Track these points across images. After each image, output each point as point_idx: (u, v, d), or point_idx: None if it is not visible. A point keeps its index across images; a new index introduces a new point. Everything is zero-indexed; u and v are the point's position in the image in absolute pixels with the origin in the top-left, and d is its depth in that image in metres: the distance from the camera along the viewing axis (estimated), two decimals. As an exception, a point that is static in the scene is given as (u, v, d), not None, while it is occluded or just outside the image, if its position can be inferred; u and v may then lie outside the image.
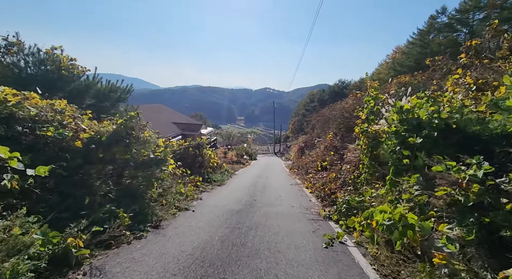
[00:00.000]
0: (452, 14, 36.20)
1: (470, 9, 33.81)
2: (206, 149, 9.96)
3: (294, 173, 13.88)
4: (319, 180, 8.10)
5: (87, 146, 4.16)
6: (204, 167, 9.51)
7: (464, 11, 34.71)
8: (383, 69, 47.08)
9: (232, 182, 9.67)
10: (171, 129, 24.64)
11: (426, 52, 36.86)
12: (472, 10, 33.63)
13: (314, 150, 12.70)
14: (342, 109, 11.47)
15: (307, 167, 11.33)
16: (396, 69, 38.27)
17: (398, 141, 4.37)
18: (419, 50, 38.51)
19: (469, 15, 34.61)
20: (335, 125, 10.68)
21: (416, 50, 38.80)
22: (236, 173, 13.23)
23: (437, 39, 35.93)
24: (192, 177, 7.83)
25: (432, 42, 36.50)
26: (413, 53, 39.18)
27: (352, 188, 5.70)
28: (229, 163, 17.90)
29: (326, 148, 9.68)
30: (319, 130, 14.58)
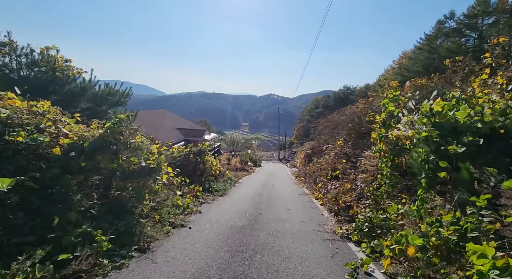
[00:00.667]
0: (460, 19, 35.63)
1: (479, 14, 33.22)
2: (208, 155, 9.37)
3: (301, 181, 13.16)
4: (330, 190, 7.40)
5: (68, 154, 3.59)
6: (206, 175, 8.90)
7: (473, 16, 34.13)
8: (390, 75, 46.49)
9: (235, 192, 9.01)
10: (174, 134, 24.24)
11: (434, 58, 36.28)
12: (481, 15, 33.02)
13: (322, 157, 12.00)
14: (353, 114, 10.81)
15: (316, 175, 10.62)
16: (403, 74, 37.62)
17: (430, 148, 3.70)
18: (426, 56, 37.95)
19: (478, 20, 34.01)
20: (345, 130, 10.01)
21: (424, 56, 38.25)
22: (240, 181, 12.57)
23: (445, 44, 35.34)
24: (192, 186, 7.22)
25: (440, 47, 35.91)
26: (420, 58, 38.60)
27: (372, 201, 5.00)
28: (232, 170, 17.26)
29: (336, 155, 8.99)
30: (327, 136, 13.90)
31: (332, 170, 8.70)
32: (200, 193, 7.12)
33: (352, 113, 10.91)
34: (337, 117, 11.89)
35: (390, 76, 46.17)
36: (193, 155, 8.93)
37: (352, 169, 7.45)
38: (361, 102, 11.17)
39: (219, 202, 7.05)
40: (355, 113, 10.62)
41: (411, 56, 43.05)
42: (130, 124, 4.30)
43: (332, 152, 9.72)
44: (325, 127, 14.63)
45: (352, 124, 9.90)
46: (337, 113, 12.37)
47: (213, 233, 4.23)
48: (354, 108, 11.15)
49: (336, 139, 10.87)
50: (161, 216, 4.47)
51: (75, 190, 3.52)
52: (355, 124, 9.84)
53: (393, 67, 51.74)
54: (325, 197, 7.51)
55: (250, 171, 18.73)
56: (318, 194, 8.06)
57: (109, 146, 3.79)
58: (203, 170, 9.08)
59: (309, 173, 12.35)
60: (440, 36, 38.36)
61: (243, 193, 8.68)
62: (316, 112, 64.74)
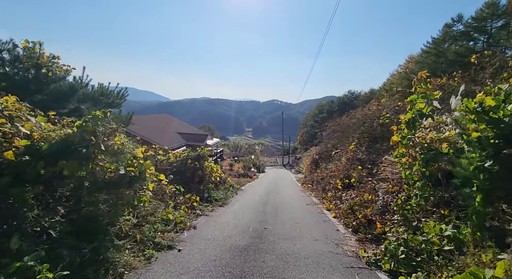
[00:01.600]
0: (469, 22, 34.91)
1: (488, 16, 32.44)
2: (207, 161, 8.58)
3: (308, 188, 12.27)
4: (344, 201, 6.53)
5: (23, 158, 2.84)
6: (205, 183, 8.09)
7: (481, 19, 33.36)
8: (396, 79, 45.73)
9: (237, 201, 8.17)
10: (176, 139, 23.59)
11: (441, 61, 35.46)
12: (490, 17, 32.25)
13: (331, 162, 11.14)
14: (365, 116, 9.99)
15: (325, 182, 9.75)
16: (409, 78, 36.72)
17: (486, 153, 2.87)
18: (433, 59, 37.22)
19: (487, 23, 33.24)
20: (357, 134, 9.17)
21: (431, 59, 37.52)
22: (242, 189, 11.73)
23: (453, 48, 34.60)
24: (188, 196, 6.41)
25: (448, 51, 35.18)
26: (427, 62, 37.85)
27: (400, 217, 4.14)
28: (235, 176, 16.43)
29: (349, 161, 8.14)
30: (336, 140, 13.05)
31: (345, 178, 7.84)
32: (197, 204, 6.30)
33: (364, 115, 10.09)
34: (347, 120, 11.08)
35: (397, 80, 45.43)
36: (191, 161, 8.15)
37: (368, 176, 6.59)
38: (374, 104, 10.36)
39: (219, 214, 6.21)
40: (367, 116, 9.80)
41: (418, 60, 42.37)
42: (109, 123, 3.55)
43: (343, 157, 8.86)
44: (333, 131, 13.79)
45: (365, 127, 9.06)
46: (346, 116, 11.55)
47: (207, 258, 3.41)
48: (366, 110, 10.34)
49: (347, 144, 10.03)
50: (144, 234, 3.65)
51: (30, 204, 2.76)
52: (367, 127, 9.01)
53: (399, 72, 51.00)
54: (337, 208, 6.64)
55: (254, 178, 17.88)
56: (330, 205, 7.19)
57: (78, 149, 3.04)
58: (202, 177, 8.28)
59: (317, 180, 11.47)
60: (447, 40, 37.66)
61: (246, 203, 7.83)
62: (320, 117, 63.91)
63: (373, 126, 9.04)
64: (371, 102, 10.65)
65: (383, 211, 4.69)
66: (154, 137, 20.69)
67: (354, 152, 8.13)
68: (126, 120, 9.76)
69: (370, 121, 9.01)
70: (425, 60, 38.21)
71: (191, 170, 8.07)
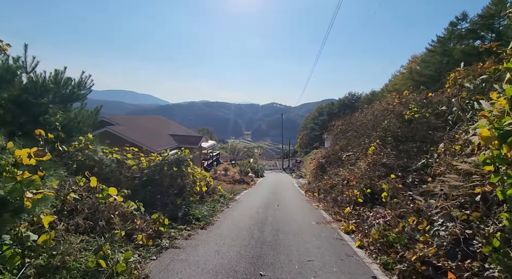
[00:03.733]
0: (475, 20, 33.58)
1: (496, 14, 31.05)
2: (190, 167, 6.75)
3: (314, 198, 10.45)
4: (371, 222, 4.71)
5: None
6: (185, 195, 6.26)
7: (488, 17, 31.98)
8: (399, 80, 44.43)
9: (226, 219, 6.30)
10: (167, 141, 21.74)
11: (447, 60, 33.99)
12: (497, 15, 30.88)
13: (342, 168, 9.33)
14: (384, 111, 8.21)
15: (336, 192, 7.92)
16: (414, 79, 35.46)
17: None
18: (439, 59, 35.88)
19: (494, 21, 31.89)
20: (377, 133, 7.38)
21: (436, 59, 36.20)
22: (236, 198, 9.89)
23: (459, 47, 33.24)
24: (155, 215, 4.55)
25: (453, 49, 33.83)
26: (433, 62, 36.52)
27: (499, 266, 2.33)
28: (229, 182, 14.59)
29: (369, 167, 6.34)
30: (345, 141, 11.27)
31: (365, 187, 6.02)
32: (165, 228, 4.45)
33: (382, 110, 8.31)
34: (361, 117, 9.29)
35: (400, 81, 44.15)
36: (168, 166, 6.32)
37: (404, 188, 4.77)
38: (394, 97, 8.59)
39: (195, 243, 4.35)
40: (388, 110, 8.02)
41: (423, 59, 41.13)
42: None
43: (361, 162, 7.03)
44: (341, 131, 12.01)
45: (386, 125, 7.27)
46: (360, 113, 9.76)
47: None
48: (384, 104, 8.56)
49: (362, 145, 8.23)
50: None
51: None
52: (391, 124, 7.22)
53: (402, 72, 49.76)
54: (361, 231, 4.82)
55: (251, 184, 16.03)
56: (348, 225, 5.36)
57: None
58: (183, 186, 6.45)
59: (325, 188, 9.65)
60: (453, 39, 36.35)
61: (237, 222, 5.97)
62: (320, 120, 62.41)
63: (396, 123, 7.26)
64: (390, 94, 8.86)
65: (452, 253, 2.86)
66: (142, 139, 18.82)
67: (377, 155, 6.32)
68: (92, 116, 7.97)
69: (395, 117, 7.23)
70: (430, 59, 36.95)
71: (167, 179, 6.24)
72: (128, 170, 6.32)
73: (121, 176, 5.99)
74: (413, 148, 6.31)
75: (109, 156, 6.20)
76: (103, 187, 3.79)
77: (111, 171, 5.90)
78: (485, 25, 33.05)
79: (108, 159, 5.87)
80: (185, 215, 5.52)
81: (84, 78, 7.57)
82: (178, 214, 5.34)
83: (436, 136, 6.16)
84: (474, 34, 33.89)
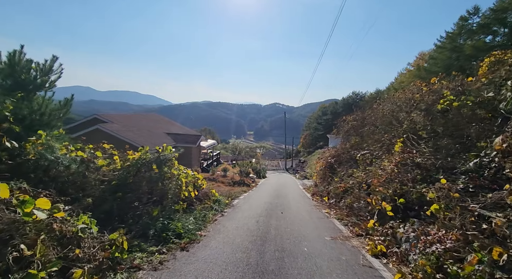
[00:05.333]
0: (487, 15, 32.03)
1: (509, 7, 29.47)
2: (174, 168, 5.48)
3: (322, 203, 9.17)
4: (410, 244, 3.42)
5: None
6: (166, 203, 5.00)
7: (502, 10, 30.38)
8: (406, 78, 42.98)
9: (217, 234, 5.01)
10: (163, 140, 20.56)
11: (457, 57, 32.45)
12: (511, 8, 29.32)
13: (357, 169, 8.02)
14: (409, 101, 6.89)
15: (352, 199, 6.61)
16: (422, 76, 33.97)
17: None
18: (448, 55, 34.38)
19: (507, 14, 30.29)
20: (403, 127, 6.05)
21: (445, 55, 34.71)
22: (233, 204, 8.61)
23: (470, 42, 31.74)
24: (114, 235, 3.29)
25: (464, 45, 32.33)
26: (442, 58, 35.03)
27: None
28: (228, 184, 13.31)
29: (398, 168, 5.03)
30: (357, 138, 9.95)
31: (393, 194, 4.72)
32: (124, 255, 3.18)
33: (406, 100, 6.98)
34: (379, 109, 7.96)
35: (407, 79, 42.69)
36: (146, 168, 5.06)
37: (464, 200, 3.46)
38: (419, 85, 7.26)
39: (166, 277, 3.09)
40: (414, 100, 6.69)
41: (431, 55, 39.67)
42: None
43: (386, 161, 5.69)
44: (353, 127, 10.69)
45: (415, 117, 5.95)
46: (378, 104, 8.43)
47: None
48: (408, 93, 7.22)
49: (383, 142, 6.91)
50: None
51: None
52: (421, 116, 5.90)
53: (409, 70, 48.31)
54: (394, 254, 3.52)
55: (252, 185, 14.73)
56: (376, 245, 4.06)
57: None
58: (165, 192, 5.19)
59: (337, 193, 8.34)
60: (463, 34, 34.82)
61: (232, 237, 4.69)
62: (323, 119, 61.11)
63: (427, 115, 5.93)
64: (414, 82, 7.52)
65: None
66: (136, 138, 17.61)
67: (408, 153, 5.00)
68: (62, 108, 6.76)
69: (425, 107, 5.91)
70: (439, 56, 35.52)
71: (144, 183, 4.97)
72: (96, 172, 5.08)
73: (85, 179, 4.75)
74: (454, 145, 4.99)
75: (71, 154, 4.96)
76: (25, 198, 2.54)
77: (71, 173, 4.68)
78: (498, 19, 31.49)
79: (67, 158, 4.63)
80: (163, 230, 4.24)
81: (47, 61, 6.36)
82: (151, 230, 4.05)
83: (483, 128, 4.85)
84: (486, 29, 32.36)
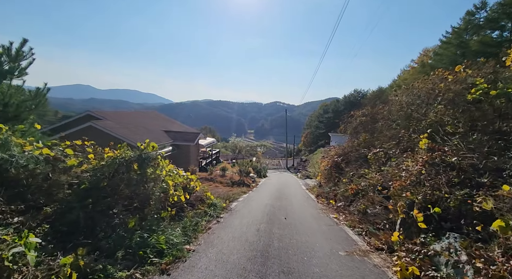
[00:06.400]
0: (495, 9, 30.98)
1: (519, 1, 28.41)
2: (159, 168, 4.65)
3: (329, 206, 8.35)
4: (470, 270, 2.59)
5: None
6: (148, 210, 4.17)
7: (510, 4, 29.34)
8: (410, 75, 41.97)
9: (209, 248, 4.17)
10: (159, 138, 19.72)
11: (463, 52, 31.47)
12: (521, 2, 28.26)
13: (369, 169, 7.17)
14: (431, 91, 6.01)
15: (366, 202, 5.77)
16: (426, 72, 32.94)
17: None
18: (454, 51, 33.43)
19: (516, 8, 29.21)
20: (428, 121, 5.18)
21: (451, 51, 33.76)
22: (231, 207, 7.78)
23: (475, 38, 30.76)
24: (67, 259, 2.46)
25: (470, 41, 31.37)
26: (447, 54, 34.07)
27: None
28: (227, 185, 12.47)
29: (426, 168, 4.18)
30: (367, 135, 9.09)
31: (423, 202, 3.87)
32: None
33: (429, 91, 6.10)
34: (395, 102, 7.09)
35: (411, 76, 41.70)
36: (124, 168, 4.23)
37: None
38: (440, 73, 6.39)
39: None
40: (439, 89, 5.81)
41: (436, 52, 38.72)
42: None
43: (408, 161, 4.82)
44: (361, 123, 9.83)
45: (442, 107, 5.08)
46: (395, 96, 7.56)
47: None
48: (429, 83, 6.34)
49: (400, 139, 6.04)
50: None
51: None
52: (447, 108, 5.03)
53: (413, 67, 47.35)
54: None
55: (252, 186, 13.90)
56: (406, 265, 3.22)
57: None
58: (147, 197, 4.36)
59: (345, 195, 7.50)
60: (469, 29, 33.83)
61: (227, 253, 3.86)
62: (325, 118, 60.28)
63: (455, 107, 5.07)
64: (437, 70, 6.64)
65: None
66: (131, 135, 16.74)
67: (438, 151, 4.15)
68: (31, 99, 5.95)
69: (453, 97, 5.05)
70: (444, 52, 34.58)
71: (121, 186, 4.14)
72: (66, 174, 4.24)
73: (48, 182, 3.93)
74: (490, 141, 4.13)
75: (35, 152, 4.13)
76: None
77: (31, 175, 3.86)
78: (506, 13, 30.46)
79: (25, 156, 3.80)
80: (140, 246, 3.41)
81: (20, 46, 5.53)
82: (122, 247, 3.21)
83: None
84: (494, 23, 31.32)
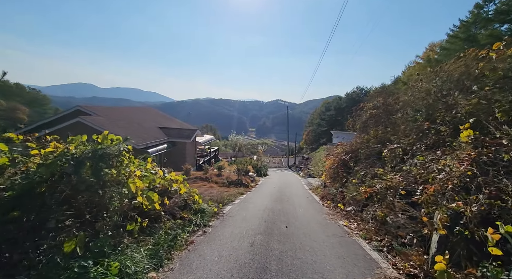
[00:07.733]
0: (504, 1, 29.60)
1: (531, -9, 27.07)
2: (124, 167, 3.60)
3: (337, 210, 7.31)
4: None
5: None
6: (100, 225, 3.12)
7: (521, -4, 27.92)
8: (415, 70, 40.65)
9: (183, 274, 3.15)
10: (154, 135, 18.70)
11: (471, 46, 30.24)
12: (533, -7, 26.92)
13: (383, 168, 6.09)
14: (464, 73, 4.90)
15: (385, 209, 4.71)
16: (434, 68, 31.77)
17: None
18: (462, 45, 32.05)
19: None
20: (466, 108, 4.09)
21: (459, 45, 32.40)
22: (224, 212, 6.74)
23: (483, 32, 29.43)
24: None
25: (479, 34, 30.05)
26: (454, 48, 32.70)
27: None
28: (222, 185, 11.42)
29: (474, 167, 3.11)
30: (380, 129, 8.01)
31: (486, 213, 2.81)
32: None
33: (461, 74, 4.99)
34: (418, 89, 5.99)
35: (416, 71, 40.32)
36: (73, 170, 3.18)
37: None
38: (475, 53, 5.28)
39: None
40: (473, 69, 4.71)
41: (442, 46, 37.40)
42: None
43: (448, 158, 3.72)
44: (372, 116, 8.73)
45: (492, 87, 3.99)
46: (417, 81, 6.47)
47: None
48: (461, 64, 5.24)
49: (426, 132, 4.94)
50: None
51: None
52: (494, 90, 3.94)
53: (418, 62, 45.94)
54: None
55: (251, 186, 12.84)
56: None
57: None
58: (106, 208, 3.31)
59: (357, 199, 6.43)
60: (478, 23, 32.46)
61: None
62: (327, 115, 59.37)
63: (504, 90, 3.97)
64: (468, 51, 5.52)
65: None
66: (123, 132, 15.69)
67: (493, 144, 3.08)
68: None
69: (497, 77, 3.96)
70: (451, 46, 33.30)
71: (65, 193, 3.10)
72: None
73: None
74: None
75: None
76: None
77: None
78: (519, 5, 29.03)
79: None
80: (78, 274, 2.37)
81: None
82: None
83: None
84: (505, 15, 29.94)
